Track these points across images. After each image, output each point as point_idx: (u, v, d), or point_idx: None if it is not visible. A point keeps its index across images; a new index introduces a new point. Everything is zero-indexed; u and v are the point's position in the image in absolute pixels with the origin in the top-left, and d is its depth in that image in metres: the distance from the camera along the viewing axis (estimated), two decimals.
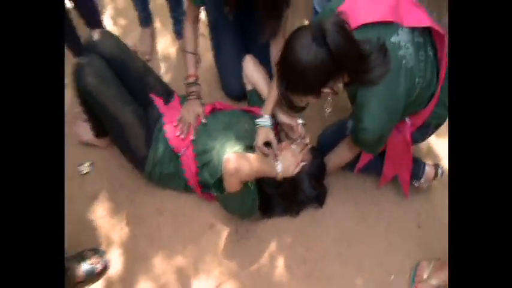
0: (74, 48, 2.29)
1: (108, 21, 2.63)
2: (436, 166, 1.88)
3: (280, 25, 1.88)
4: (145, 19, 2.47)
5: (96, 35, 1.87)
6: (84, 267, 1.73)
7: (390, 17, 1.39)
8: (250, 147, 1.80)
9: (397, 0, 1.44)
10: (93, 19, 2.33)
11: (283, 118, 1.84)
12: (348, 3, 1.45)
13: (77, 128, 2.12)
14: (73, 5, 2.23)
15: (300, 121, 1.82)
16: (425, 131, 1.70)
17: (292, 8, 1.98)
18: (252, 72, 1.97)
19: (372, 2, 1.45)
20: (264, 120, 1.81)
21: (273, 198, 1.83)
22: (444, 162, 2.04)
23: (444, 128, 2.01)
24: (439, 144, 2.10)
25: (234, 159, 1.53)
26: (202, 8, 2.02)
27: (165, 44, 2.55)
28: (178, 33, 2.48)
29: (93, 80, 1.75)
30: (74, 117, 2.15)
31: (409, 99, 1.45)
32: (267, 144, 1.81)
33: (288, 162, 1.68)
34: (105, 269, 1.79)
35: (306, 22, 2.57)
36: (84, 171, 2.05)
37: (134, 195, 2.00)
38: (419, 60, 1.43)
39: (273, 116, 1.85)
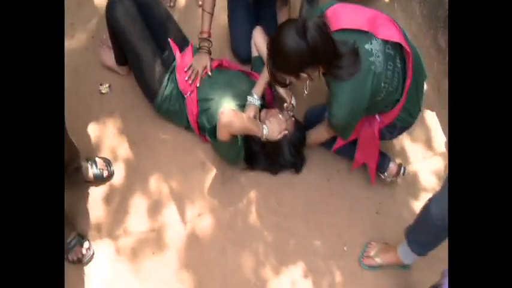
0: None
1: None
2: (400, 165, 2.14)
3: None
4: None
5: None
6: (94, 170, 2.03)
7: (366, 27, 1.64)
8: (242, 106, 2.07)
9: (375, 15, 1.70)
10: None
11: (280, 91, 2.10)
12: (335, 9, 1.70)
13: (103, 52, 2.35)
14: None
15: (293, 101, 2.08)
16: (392, 130, 1.95)
17: None
18: (260, 41, 2.19)
19: (354, 11, 1.71)
20: (253, 100, 2.05)
21: (257, 154, 2.11)
22: (412, 166, 2.31)
23: (419, 133, 2.32)
24: (411, 147, 2.37)
25: (228, 113, 1.82)
26: None
27: None
28: None
29: (123, 16, 2.00)
30: (101, 41, 2.38)
31: (375, 98, 1.70)
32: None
33: (273, 128, 1.96)
34: (110, 176, 2.08)
35: None
36: (103, 91, 2.30)
37: (143, 120, 2.26)
38: (387, 69, 1.68)
39: (262, 97, 2.10)
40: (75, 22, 2.51)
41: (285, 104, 2.06)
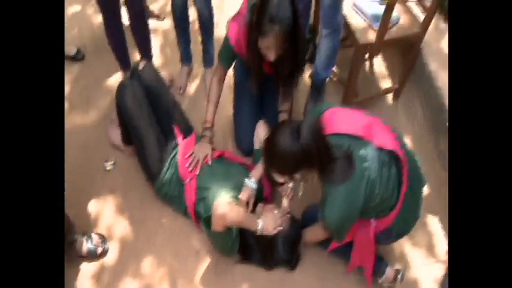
0: (122, 62, 2.61)
1: (155, 50, 2.90)
2: (397, 271, 2.08)
3: (291, 93, 2.27)
4: (186, 57, 2.76)
5: (141, 65, 2.24)
6: (89, 245, 2.03)
7: (362, 133, 1.66)
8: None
9: (371, 121, 1.73)
10: (146, 47, 2.64)
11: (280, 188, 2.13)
12: (332, 112, 1.75)
13: (111, 131, 2.45)
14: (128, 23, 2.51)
15: (290, 185, 2.09)
16: (388, 236, 1.92)
17: None
18: (262, 136, 2.19)
19: (351, 117, 1.75)
20: (251, 183, 2.06)
21: (252, 247, 2.09)
22: (412, 272, 2.23)
23: (421, 238, 2.27)
24: (412, 252, 2.30)
25: (223, 206, 1.85)
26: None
27: (197, 83, 2.87)
28: (206, 62, 2.78)
29: (131, 100, 2.11)
30: (110, 121, 2.48)
31: (368, 204, 1.69)
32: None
33: (268, 222, 1.96)
34: (104, 253, 2.08)
35: None
36: (108, 168, 2.35)
37: (143, 201, 2.29)
38: (381, 175, 1.68)
39: (260, 182, 2.10)
40: (90, 100, 2.62)
41: (283, 201, 2.08)
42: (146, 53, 2.65)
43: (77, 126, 2.50)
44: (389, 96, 3.02)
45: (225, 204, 1.85)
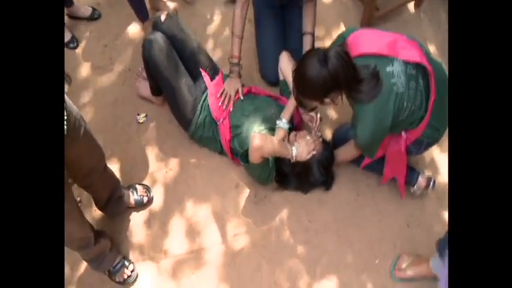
0: (140, 13, 2.60)
1: None
2: (429, 179, 2.17)
3: (315, 10, 2.28)
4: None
5: (162, 16, 2.26)
6: (135, 196, 2.19)
7: (386, 51, 1.70)
8: (272, 129, 2.17)
9: (395, 38, 1.75)
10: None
11: (305, 116, 2.20)
12: (355, 35, 1.78)
13: (139, 84, 2.53)
14: None
15: (319, 115, 2.17)
16: (418, 146, 1.99)
17: None
18: (286, 66, 2.26)
19: (375, 37, 1.77)
20: (283, 124, 2.13)
21: (288, 175, 2.20)
22: (441, 177, 2.33)
23: (446, 145, 2.32)
24: (441, 159, 2.39)
25: (259, 138, 1.94)
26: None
27: (216, 23, 2.88)
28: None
29: (157, 53, 2.15)
30: (137, 74, 2.56)
31: (398, 118, 1.75)
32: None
33: (302, 149, 2.06)
34: (150, 201, 2.24)
35: None
36: (141, 120, 2.46)
37: (178, 147, 2.40)
38: (410, 88, 1.72)
39: (291, 121, 2.17)
40: (113, 57, 2.70)
41: (312, 120, 2.16)
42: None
43: (104, 85, 2.60)
44: (411, 6, 2.95)
45: (261, 136, 1.94)
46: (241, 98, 2.26)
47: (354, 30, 1.82)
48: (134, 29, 2.82)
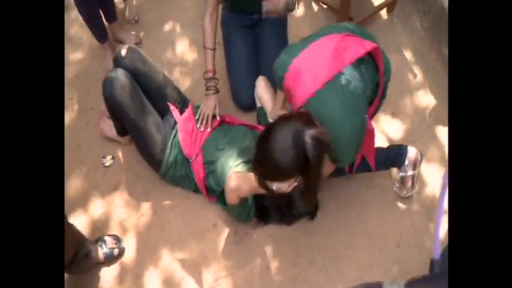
0: (98, 32, 2.50)
1: None
2: (418, 152, 2.09)
3: None
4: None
5: (123, 50, 2.09)
6: (104, 250, 2.01)
7: (333, 72, 1.50)
8: (248, 162, 2.01)
9: (334, 46, 1.54)
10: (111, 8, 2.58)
11: None
12: (292, 75, 1.56)
13: (103, 124, 2.36)
14: None
15: None
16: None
17: None
18: (262, 92, 2.15)
19: (314, 63, 1.55)
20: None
21: (269, 209, 2.07)
22: (428, 188, 2.22)
23: (433, 152, 2.30)
24: (427, 169, 2.29)
25: (235, 178, 1.79)
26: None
27: (182, 48, 2.73)
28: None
29: (119, 92, 1.99)
30: (101, 114, 2.40)
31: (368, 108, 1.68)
32: None
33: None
34: (121, 253, 2.06)
35: None
36: (107, 164, 2.30)
37: (150, 189, 2.24)
38: (364, 77, 1.58)
39: None
40: (73, 96, 2.54)
41: None
42: (111, 15, 2.59)
43: (66, 128, 2.43)
44: (383, 12, 2.88)
45: (236, 176, 1.80)
46: (217, 117, 2.16)
47: (286, 66, 1.59)
48: (95, 64, 2.66)
